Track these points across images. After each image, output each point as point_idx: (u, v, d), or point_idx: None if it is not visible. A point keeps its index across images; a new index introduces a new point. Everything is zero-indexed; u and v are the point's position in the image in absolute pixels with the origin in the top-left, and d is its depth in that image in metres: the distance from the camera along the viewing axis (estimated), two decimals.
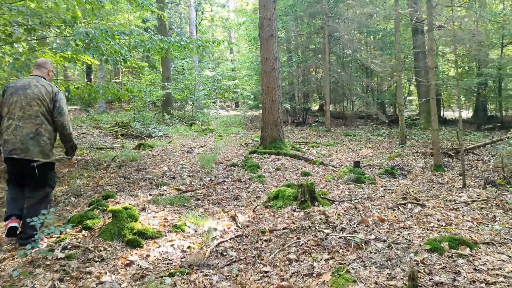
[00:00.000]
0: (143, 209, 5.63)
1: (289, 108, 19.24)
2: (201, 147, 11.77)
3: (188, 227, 5.00)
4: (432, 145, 9.06)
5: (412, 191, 6.52)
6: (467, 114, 25.10)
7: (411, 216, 5.21)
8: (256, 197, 6.50)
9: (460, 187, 6.77)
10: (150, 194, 6.48)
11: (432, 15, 8.25)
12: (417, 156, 10.27)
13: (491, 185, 6.78)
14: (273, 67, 10.60)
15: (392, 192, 6.49)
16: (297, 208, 5.54)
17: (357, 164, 8.33)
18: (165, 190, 6.81)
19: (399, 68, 11.83)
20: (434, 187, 6.91)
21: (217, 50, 34.33)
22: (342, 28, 16.65)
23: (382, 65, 15.59)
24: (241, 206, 6.07)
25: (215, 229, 5.01)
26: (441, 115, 20.65)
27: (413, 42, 15.75)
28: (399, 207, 5.60)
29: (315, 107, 25.03)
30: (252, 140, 12.92)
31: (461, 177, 7.70)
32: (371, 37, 19.19)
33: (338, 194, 6.43)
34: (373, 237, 4.39)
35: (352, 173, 7.96)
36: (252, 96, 22.90)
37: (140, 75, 23.23)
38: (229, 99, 32.85)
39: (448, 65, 19.66)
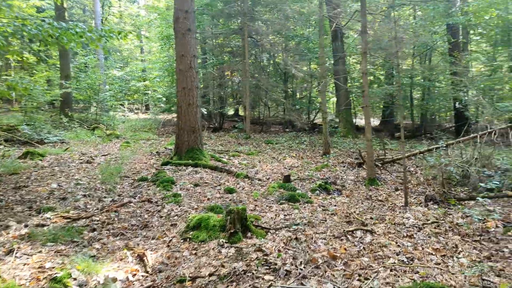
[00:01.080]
0: (10, 252, 4.00)
1: (205, 112, 17.97)
2: (104, 155, 10.00)
3: (75, 279, 3.54)
4: (366, 157, 8.46)
5: (355, 212, 5.68)
6: (373, 122, 26.02)
7: (363, 248, 4.29)
8: (172, 225, 5.17)
9: (402, 205, 6.11)
10: (26, 225, 4.82)
11: (365, 15, 7.64)
12: (344, 166, 9.67)
13: (432, 202, 6.22)
14: (191, 65, 9.29)
15: (333, 214, 5.58)
16: (226, 242, 4.33)
17: (287, 178, 7.36)
18: (49, 218, 5.17)
19: (324, 74, 11.28)
20: (375, 206, 6.16)
21: (125, 47, 31.83)
22: (262, 30, 15.85)
23: (303, 71, 15.08)
24: (152, 239, 4.71)
25: (115, 280, 3.61)
26: (354, 122, 20.94)
27: (333, 48, 15.49)
28: (347, 235, 4.67)
29: (230, 111, 24.09)
30: (165, 148, 11.42)
31: (397, 192, 7.11)
32: (292, 41, 18.73)
33: (272, 218, 5.35)
34: (330, 287, 3.35)
35: (283, 188, 6.97)
36: (164, 99, 21.20)
37: (34, 71, 20.24)
38: (139, 101, 30.52)
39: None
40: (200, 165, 8.58)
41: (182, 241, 4.57)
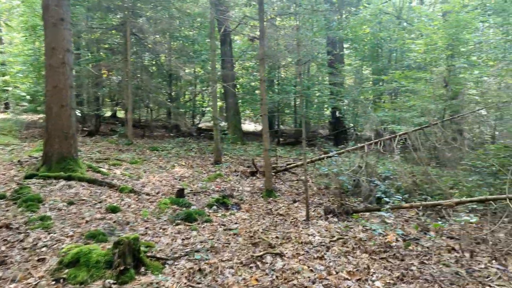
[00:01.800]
0: None
1: (79, 114, 16.04)
2: None
3: None
4: (263, 167, 8.15)
5: (259, 231, 5.23)
6: (256, 126, 26.58)
7: (276, 277, 3.84)
8: (39, 260, 4.08)
9: (304, 220, 5.87)
10: None
11: (263, 20, 7.33)
12: (237, 176, 9.27)
13: (331, 214, 6.11)
14: (63, 60, 7.92)
15: (236, 235, 5.05)
16: (114, 283, 3.49)
17: (180, 193, 6.62)
18: None
19: (215, 78, 10.77)
20: (277, 221, 5.81)
21: None
22: (146, 28, 14.71)
23: (189, 73, 14.40)
24: (12, 281, 3.62)
25: None
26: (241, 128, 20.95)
27: (221, 52, 15.10)
28: (256, 261, 4.18)
29: (107, 113, 22.12)
30: (30, 156, 9.65)
31: (296, 204, 6.91)
32: (177, 42, 17.84)
33: (168, 244, 4.60)
34: None
35: (177, 204, 6.23)
36: (29, 97, 18.48)
37: None
38: None
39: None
40: (74, 178, 7.31)
41: (53, 283, 3.58)
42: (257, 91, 20.14)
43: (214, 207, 6.31)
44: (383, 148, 8.48)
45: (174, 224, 5.34)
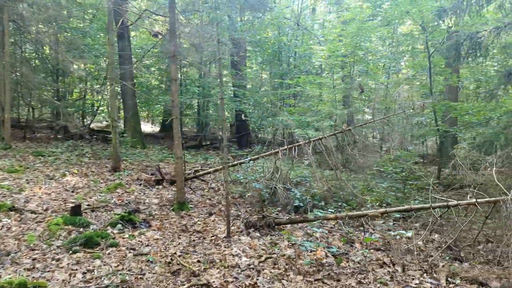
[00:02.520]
0: None
1: None
2: None
3: None
4: (176, 176, 7.37)
5: (177, 254, 4.53)
6: (153, 128, 25.41)
7: None
8: None
9: (225, 236, 5.31)
10: None
11: (174, 12, 6.58)
12: (140, 185, 8.34)
13: (253, 229, 5.65)
14: None
15: (151, 262, 4.28)
16: None
17: (76, 209, 5.57)
18: None
19: (114, 75, 9.61)
20: (195, 240, 5.15)
21: None
22: (28, 16, 12.76)
23: (81, 69, 12.90)
24: None
25: None
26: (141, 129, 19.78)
27: (118, 48, 13.77)
28: None
29: None
30: None
31: (212, 218, 6.31)
32: (65, 34, 15.87)
33: (65, 281, 3.67)
34: None
35: (72, 225, 5.21)
36: None
37: None
38: None
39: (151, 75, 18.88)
40: None
41: None
42: (154, 91, 19.13)
43: (119, 226, 5.41)
44: (297, 153, 8.32)
45: (70, 251, 4.37)
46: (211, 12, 15.59)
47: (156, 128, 24.78)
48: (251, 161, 8.29)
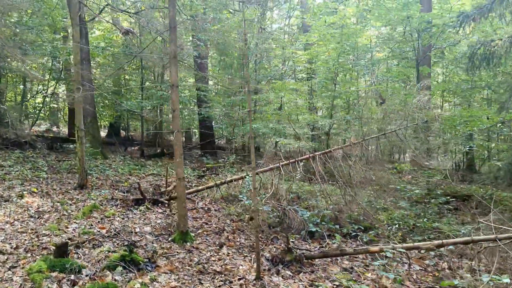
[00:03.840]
0: None
1: None
2: None
3: None
4: (176, 205, 6.27)
5: None
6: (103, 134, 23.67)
7: None
8: None
9: (254, 278, 4.38)
10: None
11: (174, 6, 5.53)
12: (117, 206, 7.14)
13: (281, 265, 4.76)
14: None
15: None
16: None
17: (62, 250, 4.35)
18: None
19: (78, 77, 8.23)
20: (220, 286, 4.17)
21: None
22: None
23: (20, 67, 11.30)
24: None
25: None
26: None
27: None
28: None
29: None
30: None
31: (224, 250, 5.32)
32: (9, 28, 13.89)
33: None
34: None
35: (59, 271, 4.02)
36: None
37: None
38: None
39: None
40: None
41: None
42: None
43: (119, 268, 4.28)
44: (293, 169, 7.55)
45: None
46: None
47: (103, 133, 22.89)
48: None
